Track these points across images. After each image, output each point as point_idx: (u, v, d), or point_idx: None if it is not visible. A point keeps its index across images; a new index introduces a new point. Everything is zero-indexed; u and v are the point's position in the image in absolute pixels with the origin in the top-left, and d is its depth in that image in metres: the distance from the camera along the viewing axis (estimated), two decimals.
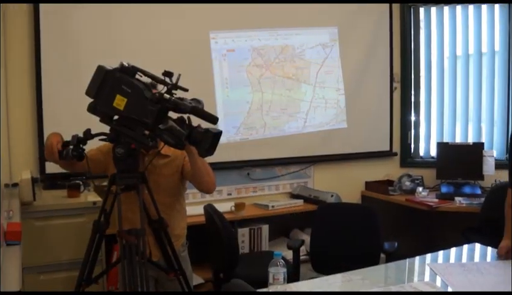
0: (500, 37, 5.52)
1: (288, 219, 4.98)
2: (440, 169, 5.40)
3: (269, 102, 4.97)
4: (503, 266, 2.75)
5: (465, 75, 5.66)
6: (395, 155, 5.73)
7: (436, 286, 2.44)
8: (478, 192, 5.08)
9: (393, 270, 2.84)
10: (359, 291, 2.28)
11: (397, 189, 5.28)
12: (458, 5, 5.58)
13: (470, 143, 5.49)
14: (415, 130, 5.81)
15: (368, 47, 5.51)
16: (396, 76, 5.69)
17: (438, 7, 5.63)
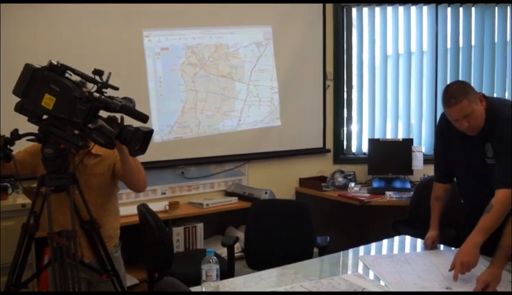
0: (427, 37, 5.72)
1: (223, 217, 5.00)
2: (371, 165, 5.55)
3: (203, 101, 4.97)
4: (428, 255, 2.88)
5: (395, 74, 5.83)
6: (328, 152, 5.83)
7: (367, 278, 2.52)
8: (408, 186, 5.24)
9: (326, 263, 2.92)
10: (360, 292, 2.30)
11: (330, 185, 5.38)
12: (389, 6, 5.74)
13: (400, 139, 5.65)
14: (348, 127, 5.93)
15: (301, 45, 5.58)
16: (329, 74, 5.79)
17: (369, 7, 5.77)
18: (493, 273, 2.39)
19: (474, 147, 2.88)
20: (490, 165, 2.82)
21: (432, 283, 2.43)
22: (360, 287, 2.34)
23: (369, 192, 5.18)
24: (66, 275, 2.45)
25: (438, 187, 3.18)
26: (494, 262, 2.44)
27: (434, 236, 3.03)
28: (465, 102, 2.68)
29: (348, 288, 2.33)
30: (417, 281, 2.46)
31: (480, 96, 2.81)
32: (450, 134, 2.99)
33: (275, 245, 3.80)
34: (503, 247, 2.46)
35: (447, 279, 2.48)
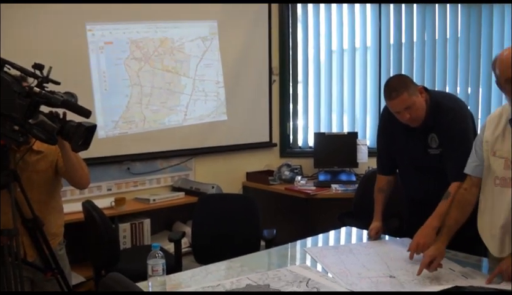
0: (371, 33, 5.81)
1: (171, 212, 4.97)
2: (317, 159, 5.61)
3: (148, 96, 4.92)
4: (372, 246, 2.95)
5: (340, 68, 5.90)
6: (274, 146, 5.87)
7: (313, 269, 2.56)
8: (353, 179, 5.33)
9: (272, 255, 2.95)
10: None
11: (277, 179, 5.42)
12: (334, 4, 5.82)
13: (345, 133, 5.73)
14: (294, 121, 5.99)
15: (247, 40, 5.60)
16: (275, 69, 5.82)
17: (314, 4, 5.83)
18: (438, 248, 2.51)
19: (417, 139, 2.97)
20: (433, 155, 2.93)
21: (376, 272, 2.48)
22: (306, 278, 2.37)
23: (315, 185, 5.24)
24: (8, 275, 2.40)
25: (380, 179, 3.25)
26: (439, 238, 2.56)
27: (378, 227, 3.10)
28: (405, 94, 2.77)
29: (294, 279, 2.36)
30: (362, 270, 2.51)
31: (420, 88, 2.90)
32: (392, 127, 3.07)
33: (222, 239, 3.81)
34: (447, 226, 2.58)
35: (391, 268, 2.54)
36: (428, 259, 2.46)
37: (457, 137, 2.85)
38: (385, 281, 2.37)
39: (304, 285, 2.29)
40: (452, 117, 2.88)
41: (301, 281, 2.33)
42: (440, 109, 2.90)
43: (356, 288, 2.26)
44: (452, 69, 5.65)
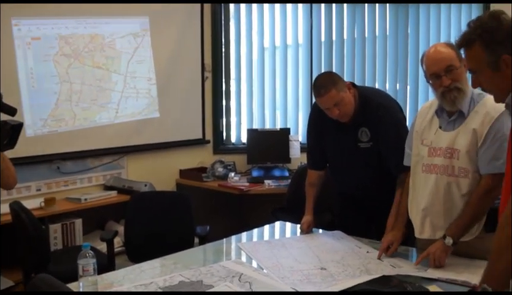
0: (303, 31, 5.89)
1: (103, 212, 4.88)
2: (251, 155, 5.64)
3: (78, 93, 4.82)
4: (304, 239, 3.00)
5: (272, 65, 5.95)
6: (207, 143, 5.86)
7: (245, 263, 2.58)
8: (286, 174, 5.39)
9: (206, 252, 2.96)
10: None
11: (210, 175, 5.42)
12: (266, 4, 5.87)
13: (278, 129, 5.79)
14: (227, 118, 5.99)
15: (179, 37, 5.56)
16: (207, 66, 5.81)
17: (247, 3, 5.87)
18: (395, 235, 2.70)
19: (347, 133, 3.05)
20: (363, 149, 3.02)
21: (308, 265, 2.53)
22: (238, 273, 2.39)
23: (248, 181, 5.27)
24: None
25: (311, 174, 3.31)
26: (395, 226, 2.75)
27: (309, 221, 3.15)
28: (333, 91, 2.85)
29: (226, 274, 2.38)
30: (294, 264, 2.55)
31: (349, 84, 2.99)
32: (322, 122, 3.14)
33: (155, 237, 3.78)
34: (401, 214, 2.75)
35: (322, 261, 2.59)
36: (386, 244, 2.66)
37: (391, 131, 2.95)
38: (316, 273, 2.41)
39: (236, 280, 2.31)
40: (383, 111, 2.98)
41: (234, 276, 2.35)
42: (369, 104, 2.99)
43: (288, 281, 2.30)
44: (381, 66, 5.81)
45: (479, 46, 1.87)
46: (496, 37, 1.84)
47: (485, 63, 1.87)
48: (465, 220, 2.43)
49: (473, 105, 2.48)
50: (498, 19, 1.85)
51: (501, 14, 1.88)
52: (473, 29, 1.89)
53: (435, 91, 2.51)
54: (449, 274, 2.36)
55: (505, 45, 1.82)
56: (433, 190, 2.53)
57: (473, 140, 2.44)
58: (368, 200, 3.15)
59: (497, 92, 1.94)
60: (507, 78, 1.85)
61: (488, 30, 1.85)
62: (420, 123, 2.68)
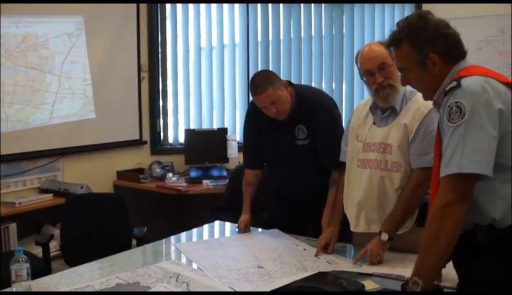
0: (239, 31, 5.92)
1: (39, 215, 4.76)
2: (188, 155, 5.63)
3: (11, 94, 4.69)
4: (242, 238, 3.03)
5: (208, 65, 5.96)
6: (145, 143, 5.81)
7: (182, 264, 2.59)
8: (224, 174, 5.41)
9: (143, 253, 2.95)
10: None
11: (148, 176, 5.40)
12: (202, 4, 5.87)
13: (215, 129, 5.80)
14: (164, 118, 5.96)
15: (115, 37, 5.49)
16: (144, 66, 5.76)
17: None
18: (332, 231, 2.76)
19: (284, 131, 3.09)
20: (300, 146, 3.07)
21: (245, 264, 2.55)
22: (175, 274, 2.39)
23: (186, 181, 5.27)
24: None
25: (248, 173, 3.34)
26: (331, 222, 2.81)
27: (246, 220, 3.18)
28: (270, 89, 2.89)
29: (164, 275, 2.38)
30: (231, 263, 2.57)
31: (285, 83, 3.03)
32: (259, 121, 3.17)
33: (92, 240, 3.73)
34: (337, 210, 2.81)
35: (260, 259, 2.62)
36: (323, 241, 2.71)
37: (328, 128, 3.01)
38: (253, 271, 2.44)
39: (173, 281, 2.32)
40: (320, 108, 3.04)
41: (171, 277, 2.35)
42: (306, 102, 3.05)
43: (226, 280, 2.32)
44: (317, 65, 5.90)
45: (407, 45, 1.95)
46: (422, 36, 1.92)
47: (413, 62, 1.95)
48: (398, 214, 2.51)
49: (405, 102, 2.59)
50: (425, 19, 1.93)
51: (428, 14, 1.96)
52: (401, 29, 1.97)
53: (369, 88, 2.61)
54: (384, 269, 2.44)
55: (432, 44, 1.91)
56: (367, 184, 2.61)
57: (404, 135, 2.53)
58: (305, 198, 3.21)
59: (425, 90, 2.04)
60: (434, 77, 1.94)
61: (415, 30, 1.93)
62: (355, 120, 2.77)
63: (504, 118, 1.78)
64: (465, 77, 1.83)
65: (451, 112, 1.78)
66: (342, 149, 2.84)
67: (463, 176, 1.73)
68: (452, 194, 1.75)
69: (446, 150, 1.79)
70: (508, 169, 1.81)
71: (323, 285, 2.22)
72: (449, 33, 1.92)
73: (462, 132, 1.74)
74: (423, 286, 1.77)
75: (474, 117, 1.74)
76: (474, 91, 1.77)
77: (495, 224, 1.81)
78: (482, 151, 1.73)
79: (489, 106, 1.76)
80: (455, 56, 1.93)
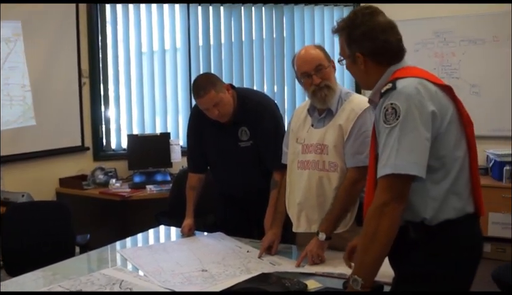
0: (180, 35, 5.92)
1: None
2: (132, 160, 5.60)
3: None
4: (186, 242, 3.04)
5: (150, 70, 5.95)
6: (87, 150, 5.74)
7: (126, 270, 2.58)
8: (168, 179, 5.41)
9: (86, 260, 2.92)
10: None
11: (91, 183, 5.34)
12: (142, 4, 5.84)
13: (158, 134, 5.79)
14: (106, 124, 5.90)
15: (54, 42, 5.39)
16: (84, 71, 5.68)
17: (123, 5, 5.80)
18: (275, 233, 2.79)
19: (227, 133, 3.13)
20: (244, 148, 3.11)
21: (189, 268, 2.56)
22: (119, 280, 2.38)
23: (130, 186, 5.24)
24: None
25: (192, 177, 3.35)
26: (274, 224, 2.83)
27: (190, 224, 3.19)
28: (212, 92, 2.93)
29: (107, 282, 2.37)
30: (175, 267, 2.57)
31: (227, 85, 3.07)
32: (203, 125, 3.20)
33: (34, 248, 3.67)
34: (279, 212, 2.84)
35: (203, 262, 2.63)
36: (266, 243, 2.74)
37: (270, 128, 3.07)
38: (197, 275, 2.46)
39: (117, 287, 2.31)
40: (262, 109, 3.09)
41: (114, 283, 2.35)
42: (248, 104, 3.10)
43: (169, 285, 2.33)
44: (259, 69, 5.97)
45: (343, 37, 2.06)
46: (352, 34, 2.01)
47: (346, 55, 2.07)
48: (335, 213, 2.57)
49: (340, 103, 2.66)
50: (363, 18, 2.01)
51: (370, 14, 2.03)
52: (343, 21, 2.07)
53: (306, 90, 2.67)
54: (326, 268, 2.49)
55: (359, 44, 2.00)
56: (306, 185, 2.67)
57: (339, 135, 2.60)
58: (249, 200, 3.24)
59: (359, 81, 2.16)
60: (362, 73, 2.05)
61: (350, 26, 2.03)
62: (295, 122, 2.83)
63: (437, 120, 1.85)
64: (400, 78, 1.90)
65: (387, 113, 1.84)
66: (284, 151, 2.89)
67: (398, 177, 1.80)
68: (389, 194, 1.81)
69: (382, 152, 1.85)
70: (438, 170, 1.89)
71: (267, 286, 2.24)
72: (379, 38, 1.98)
73: (397, 133, 1.81)
74: (363, 283, 1.83)
75: (408, 119, 1.81)
76: (408, 93, 1.83)
77: (425, 222, 1.89)
78: (416, 153, 1.80)
79: (422, 107, 1.83)
80: (386, 59, 2.01)
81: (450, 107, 1.93)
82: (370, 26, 1.99)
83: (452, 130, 1.91)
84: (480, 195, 2.01)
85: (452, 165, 1.91)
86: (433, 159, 1.85)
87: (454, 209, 1.90)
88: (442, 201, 1.89)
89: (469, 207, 1.96)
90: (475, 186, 1.99)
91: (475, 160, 2.01)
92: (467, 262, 1.95)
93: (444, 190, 1.89)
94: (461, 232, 1.92)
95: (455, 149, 1.92)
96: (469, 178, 1.97)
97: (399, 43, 2.03)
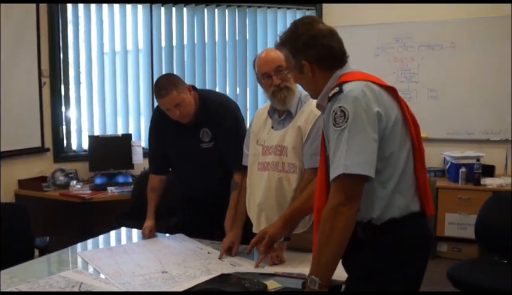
0: (143, 36, 5.91)
1: None
2: (93, 162, 5.56)
3: None
4: (146, 244, 3.03)
5: (112, 71, 5.92)
6: (47, 151, 5.67)
7: (86, 272, 2.56)
8: (129, 180, 5.39)
9: (45, 263, 2.87)
10: None
11: (51, 185, 5.28)
12: (105, 4, 5.80)
13: (119, 135, 5.76)
14: (67, 125, 5.84)
15: (14, 41, 5.30)
16: (44, 71, 5.62)
17: (85, 5, 5.75)
18: (236, 235, 2.82)
19: (189, 134, 3.14)
20: (205, 149, 3.13)
21: (149, 269, 2.56)
22: (78, 283, 2.37)
23: (91, 188, 5.21)
24: None
25: (153, 178, 3.36)
26: (234, 225, 2.86)
27: (150, 226, 3.19)
28: (174, 92, 2.94)
29: (66, 285, 2.35)
30: (136, 269, 2.57)
31: (189, 86, 3.09)
32: (164, 126, 3.21)
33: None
34: (239, 213, 2.88)
35: (164, 264, 2.64)
36: (227, 244, 2.76)
37: (231, 129, 3.09)
38: (157, 276, 2.46)
39: (76, 289, 2.30)
40: (223, 110, 3.12)
41: (74, 286, 2.33)
42: (209, 105, 3.12)
43: (129, 287, 2.33)
44: (221, 70, 5.99)
45: (287, 49, 2.10)
46: (295, 44, 2.06)
47: (292, 65, 2.11)
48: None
49: (300, 105, 2.71)
50: (304, 27, 2.06)
51: (309, 23, 2.08)
52: (286, 33, 2.12)
53: (266, 91, 2.71)
54: (285, 268, 2.52)
55: (304, 52, 2.05)
56: (266, 186, 2.70)
57: (298, 137, 2.64)
58: (211, 201, 3.26)
59: (308, 90, 2.21)
60: (310, 81, 2.10)
61: (293, 37, 2.07)
62: (256, 124, 2.87)
63: (382, 121, 1.91)
64: (346, 82, 1.96)
65: (336, 116, 1.90)
66: (244, 152, 2.92)
67: (349, 177, 1.84)
68: (342, 195, 1.86)
69: (334, 154, 1.90)
70: (384, 170, 1.95)
71: (226, 286, 2.26)
72: (322, 43, 2.04)
73: (346, 135, 1.86)
74: (320, 283, 1.87)
75: (356, 121, 1.86)
76: (355, 96, 1.89)
77: (372, 221, 1.96)
78: (365, 153, 1.85)
79: (369, 109, 1.89)
80: (330, 64, 2.07)
81: (395, 108, 1.99)
82: (311, 34, 2.04)
83: (397, 131, 1.97)
84: (428, 194, 2.09)
85: (396, 165, 1.97)
86: (379, 160, 1.90)
87: (399, 208, 1.97)
88: (388, 201, 1.95)
89: (414, 206, 2.03)
90: (420, 185, 2.06)
91: (420, 159, 2.07)
92: (413, 261, 2.01)
93: (390, 189, 1.96)
94: (407, 231, 1.99)
95: (399, 149, 1.98)
96: (413, 178, 2.04)
97: (342, 48, 2.09)
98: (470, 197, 5.23)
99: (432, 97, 5.82)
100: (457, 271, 3.70)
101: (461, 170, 5.34)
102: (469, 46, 5.66)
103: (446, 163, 5.66)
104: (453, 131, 5.77)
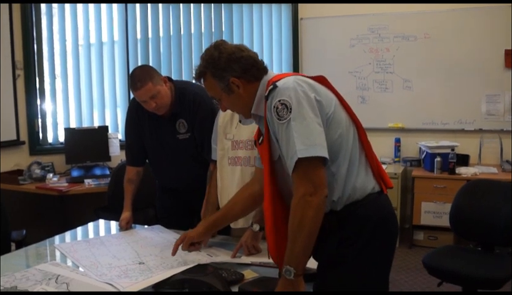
0: (118, 28, 5.87)
1: None
2: (69, 154, 5.53)
3: None
4: (123, 236, 3.04)
5: (87, 63, 5.88)
6: (23, 144, 5.63)
7: (63, 265, 2.56)
8: (107, 173, 5.37)
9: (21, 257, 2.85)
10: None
11: (27, 178, 5.24)
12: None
13: (96, 127, 5.73)
14: (42, 117, 5.80)
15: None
16: (18, 63, 5.56)
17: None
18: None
19: (165, 126, 3.16)
20: (182, 140, 3.15)
21: (126, 261, 2.57)
22: (55, 275, 2.37)
23: (68, 181, 5.18)
24: None
25: (130, 170, 3.36)
26: (206, 215, 2.87)
27: (127, 217, 3.19)
28: (149, 84, 2.94)
29: (43, 277, 2.35)
30: (112, 261, 2.57)
31: (165, 78, 3.09)
32: (141, 118, 3.22)
33: None
34: (211, 203, 2.92)
35: (141, 255, 2.64)
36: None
37: (206, 119, 3.09)
38: (134, 268, 2.46)
39: (53, 282, 2.29)
40: (199, 100, 3.13)
41: (50, 278, 2.33)
42: (185, 96, 3.14)
43: (106, 278, 2.33)
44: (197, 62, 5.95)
45: (209, 76, 2.11)
46: (218, 66, 2.07)
47: (219, 89, 2.12)
48: None
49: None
50: (219, 49, 2.09)
51: (221, 44, 2.12)
52: (202, 63, 2.13)
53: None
54: (262, 258, 2.55)
55: (229, 69, 2.07)
56: (239, 180, 2.72)
57: None
58: (189, 192, 3.28)
59: (241, 110, 2.21)
60: (242, 98, 2.12)
61: (212, 60, 2.08)
62: (222, 119, 2.87)
63: (323, 106, 1.97)
64: (277, 80, 2.00)
65: (278, 110, 1.93)
66: (213, 147, 2.94)
67: (306, 163, 1.87)
68: (307, 183, 1.88)
69: (286, 147, 1.93)
70: (338, 153, 2.00)
71: (203, 277, 2.27)
72: (243, 56, 2.09)
73: (292, 124, 1.89)
74: (295, 272, 1.89)
75: (299, 108, 1.90)
76: (292, 87, 1.94)
77: (333, 207, 2.01)
78: (313, 136, 1.89)
79: (307, 97, 1.93)
80: (255, 74, 2.11)
81: (330, 93, 2.06)
82: (229, 52, 2.08)
83: (340, 113, 2.03)
84: (382, 171, 2.14)
85: (347, 145, 2.02)
86: (330, 144, 1.94)
87: (356, 188, 2.02)
88: (346, 182, 2.00)
89: (371, 183, 2.08)
90: (372, 163, 2.12)
91: (366, 137, 2.13)
92: (378, 242, 2.04)
93: (345, 170, 2.00)
94: (367, 211, 2.02)
95: (347, 130, 2.04)
96: (365, 156, 2.10)
97: (258, 58, 2.14)
98: (445, 186, 5.30)
99: (407, 87, 5.87)
100: (432, 258, 3.76)
101: (436, 160, 5.41)
102: (443, 37, 5.72)
103: (422, 153, 5.73)
104: (428, 121, 5.83)
